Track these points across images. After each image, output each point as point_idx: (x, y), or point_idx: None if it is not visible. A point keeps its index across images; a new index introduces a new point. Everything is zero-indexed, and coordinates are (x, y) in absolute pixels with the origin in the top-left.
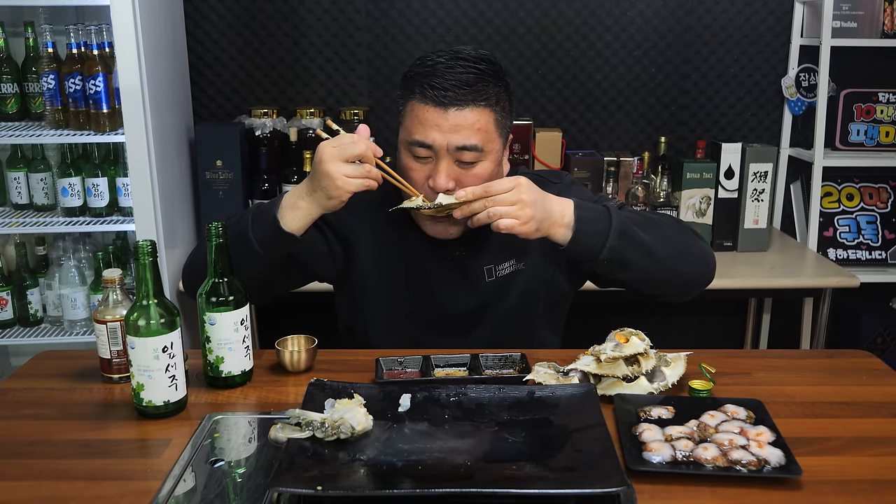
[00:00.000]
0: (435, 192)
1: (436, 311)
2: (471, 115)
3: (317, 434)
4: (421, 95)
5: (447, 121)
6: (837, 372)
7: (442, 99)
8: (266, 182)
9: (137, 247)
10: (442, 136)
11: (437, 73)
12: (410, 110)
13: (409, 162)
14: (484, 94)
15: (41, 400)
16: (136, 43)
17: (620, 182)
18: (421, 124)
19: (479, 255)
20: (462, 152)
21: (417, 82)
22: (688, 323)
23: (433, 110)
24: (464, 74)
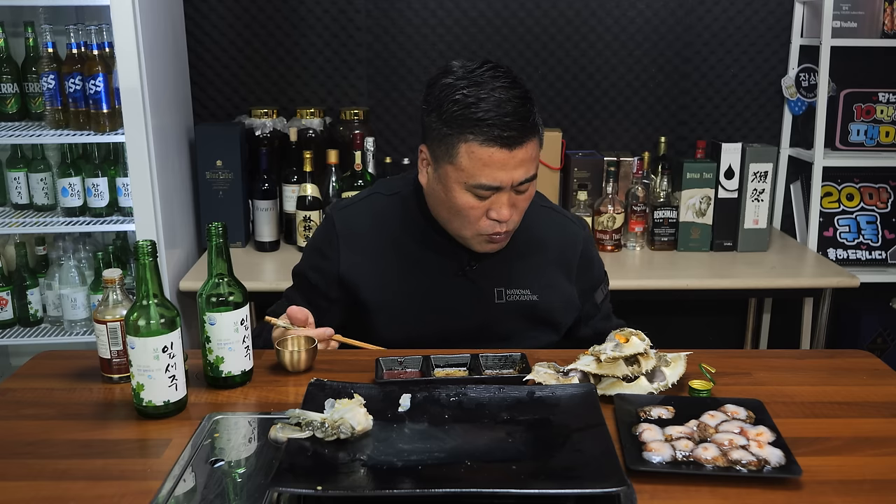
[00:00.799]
0: (499, 222)
1: (440, 323)
2: (529, 147)
3: (317, 434)
4: (483, 138)
5: (514, 159)
6: (837, 372)
7: (508, 141)
8: (266, 182)
9: (137, 247)
10: (508, 176)
11: (490, 111)
12: (468, 151)
13: (469, 200)
14: (533, 121)
15: (41, 400)
16: (136, 43)
17: (620, 182)
18: (486, 167)
19: (492, 275)
20: (522, 185)
21: (470, 124)
22: (688, 323)
23: (499, 152)
24: (518, 107)
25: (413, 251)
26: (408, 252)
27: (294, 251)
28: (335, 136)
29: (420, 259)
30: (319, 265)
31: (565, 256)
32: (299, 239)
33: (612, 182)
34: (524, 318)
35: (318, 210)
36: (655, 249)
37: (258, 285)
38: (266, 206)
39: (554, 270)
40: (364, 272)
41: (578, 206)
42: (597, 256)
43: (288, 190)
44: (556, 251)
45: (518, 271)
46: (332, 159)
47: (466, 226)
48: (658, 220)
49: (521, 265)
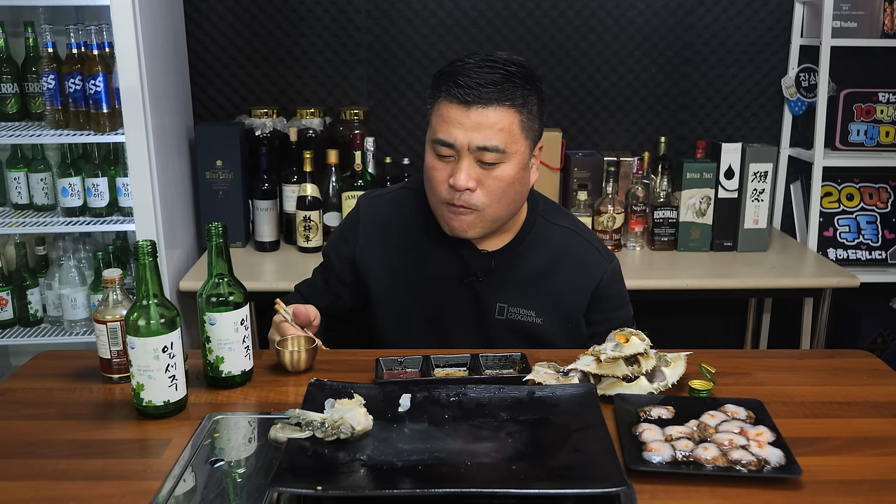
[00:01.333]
0: (455, 189)
1: (437, 328)
2: (494, 114)
3: (317, 434)
4: (447, 93)
5: (469, 119)
6: (837, 372)
7: (466, 97)
8: (266, 182)
9: (137, 247)
10: (464, 134)
11: (465, 71)
12: (437, 109)
13: (431, 161)
14: (510, 95)
15: (41, 400)
16: (136, 43)
17: (620, 182)
18: (444, 122)
19: (496, 289)
20: (483, 152)
21: (444, 80)
22: (688, 323)
23: (457, 108)
24: (491, 74)
25: (426, 250)
26: (421, 250)
27: (294, 251)
28: (335, 136)
29: (431, 260)
30: (339, 247)
31: (580, 286)
32: (299, 239)
33: (612, 182)
34: (522, 338)
35: (319, 210)
36: (655, 249)
37: (258, 285)
38: (266, 206)
39: (565, 298)
40: (376, 261)
41: (578, 206)
42: (617, 297)
43: (288, 190)
44: (571, 278)
45: (526, 291)
46: (332, 159)
47: (432, 192)
48: (658, 220)
49: (532, 286)
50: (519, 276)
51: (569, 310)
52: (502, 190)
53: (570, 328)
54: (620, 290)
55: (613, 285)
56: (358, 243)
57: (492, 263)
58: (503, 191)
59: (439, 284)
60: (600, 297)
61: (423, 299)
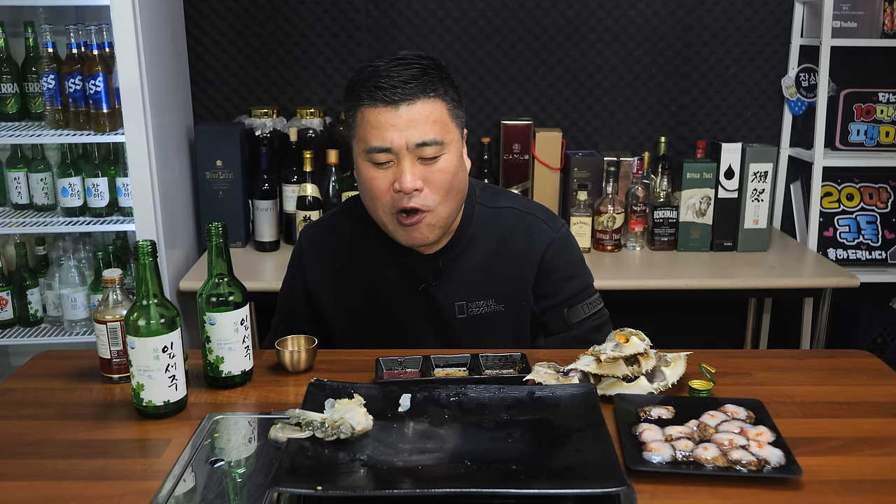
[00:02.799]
0: (403, 194)
1: (400, 342)
2: (423, 108)
3: (317, 434)
4: (369, 98)
5: (401, 118)
6: (837, 372)
7: (391, 96)
8: (266, 182)
9: (137, 247)
10: (399, 135)
11: (381, 73)
12: (362, 117)
13: (369, 171)
14: (432, 86)
15: (41, 400)
16: (136, 43)
17: (620, 182)
18: (375, 128)
19: (451, 290)
20: (423, 148)
21: (362, 86)
22: (688, 323)
23: (385, 111)
24: (407, 70)
25: (373, 268)
26: (368, 269)
27: None
28: (335, 136)
29: (380, 276)
30: (291, 283)
31: (527, 260)
32: None
33: (612, 182)
34: (488, 330)
35: (318, 210)
36: (655, 249)
37: (258, 285)
38: (266, 206)
39: (519, 276)
40: (327, 289)
41: (578, 206)
42: (567, 266)
43: (288, 190)
44: (520, 254)
45: (481, 282)
46: (332, 159)
47: (377, 205)
48: (658, 220)
49: (485, 273)
50: (470, 270)
51: (525, 287)
52: (449, 182)
53: (523, 306)
54: (571, 258)
55: (562, 253)
56: (306, 273)
57: (440, 265)
58: (450, 183)
59: (393, 298)
60: (547, 268)
61: (380, 316)
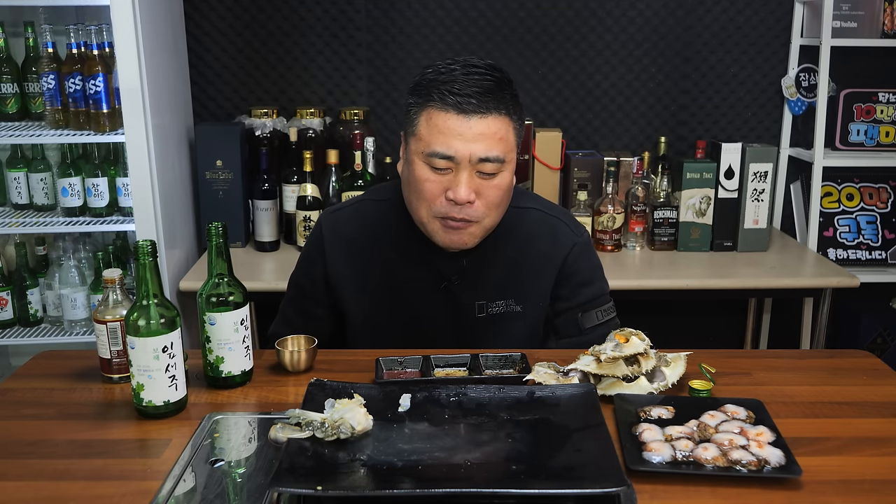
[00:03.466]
0: (454, 203)
1: (417, 338)
2: (493, 123)
3: (317, 434)
4: (441, 102)
5: (470, 129)
6: (837, 372)
7: (465, 106)
8: (266, 182)
9: (137, 247)
10: (465, 146)
11: (457, 79)
12: (427, 119)
13: (424, 173)
14: (504, 103)
15: (41, 400)
16: (136, 43)
17: (620, 182)
18: (441, 133)
19: (472, 289)
20: (484, 164)
21: (436, 88)
22: (688, 323)
23: (455, 118)
24: (483, 81)
25: (397, 261)
26: (391, 261)
27: (294, 251)
28: (335, 136)
29: (403, 270)
30: (309, 270)
31: (550, 262)
32: (299, 239)
33: (612, 182)
34: (507, 329)
35: (319, 210)
36: (655, 249)
37: (258, 285)
38: (266, 206)
39: (540, 277)
40: (348, 277)
41: (578, 206)
42: (587, 272)
43: (288, 190)
44: (542, 257)
45: (503, 281)
46: (332, 159)
47: (423, 204)
48: (658, 220)
49: (507, 273)
50: (494, 270)
51: (544, 288)
52: (500, 198)
53: (541, 308)
54: (590, 264)
55: (583, 259)
56: (327, 259)
57: (464, 264)
58: (501, 199)
59: (414, 293)
60: (568, 273)
61: (399, 310)
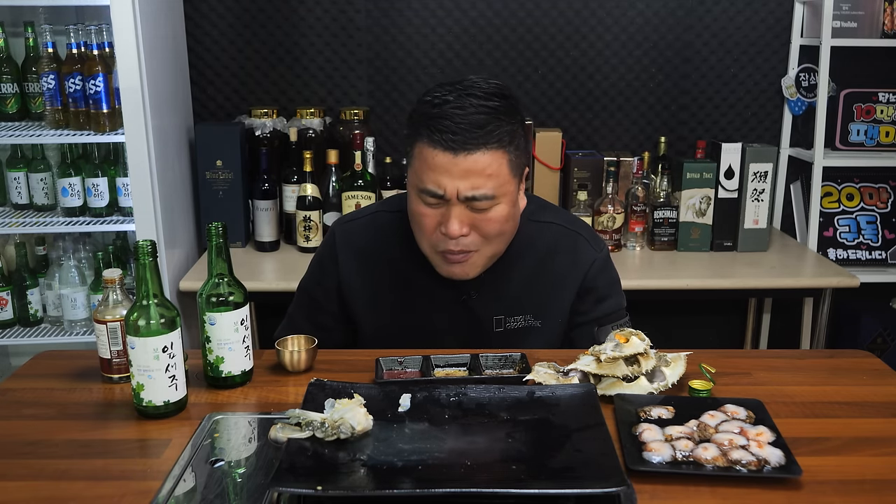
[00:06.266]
0: (448, 237)
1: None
2: (482, 158)
3: (317, 434)
4: (429, 139)
5: (457, 166)
6: (837, 372)
7: (451, 143)
8: (266, 182)
9: (137, 247)
10: (452, 183)
11: (446, 113)
12: (419, 153)
13: (419, 207)
14: (496, 136)
15: (41, 400)
16: (136, 43)
17: (620, 182)
18: (430, 170)
19: (491, 304)
20: (473, 201)
21: (425, 124)
22: (688, 323)
23: (442, 155)
24: (475, 115)
25: (412, 274)
26: (407, 274)
27: (294, 251)
28: (335, 136)
29: (419, 283)
30: (321, 279)
31: (570, 278)
32: (299, 239)
33: (612, 182)
34: (522, 344)
35: (319, 210)
36: (655, 249)
37: (258, 285)
38: (266, 206)
39: (560, 293)
40: (360, 289)
41: (578, 206)
42: (606, 287)
43: (288, 190)
44: (563, 273)
45: (520, 296)
46: (332, 159)
47: (423, 237)
48: (658, 220)
49: (526, 288)
50: (512, 285)
51: (563, 304)
52: (498, 230)
53: (560, 323)
54: (609, 279)
55: (602, 274)
56: (340, 270)
57: (482, 278)
58: (499, 230)
59: (430, 307)
60: (588, 288)
61: (413, 323)
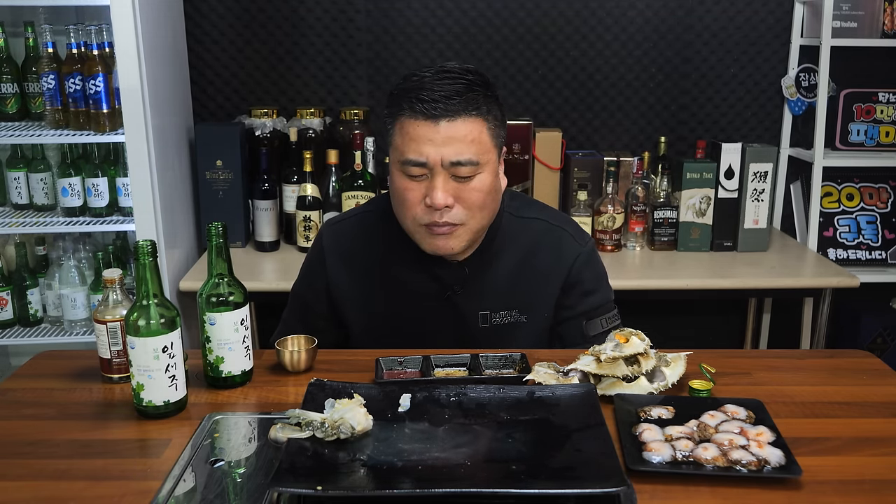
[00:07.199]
0: (434, 209)
1: (420, 347)
2: (463, 126)
3: (317, 434)
4: (410, 110)
5: (439, 134)
6: (837, 372)
7: (432, 111)
8: (266, 182)
9: (137, 247)
10: (435, 151)
11: (425, 85)
12: (400, 128)
13: (402, 182)
14: (475, 104)
15: (41, 400)
16: (136, 43)
17: (620, 182)
18: (413, 141)
19: (476, 299)
20: (457, 167)
21: (405, 97)
22: (688, 323)
23: (424, 124)
24: (452, 85)
25: (398, 272)
26: (393, 273)
27: (294, 251)
28: (335, 136)
29: (405, 280)
30: (311, 281)
31: (555, 273)
32: (299, 239)
33: (612, 182)
34: (508, 339)
35: (319, 210)
36: (655, 249)
37: (258, 285)
38: (266, 206)
39: (545, 288)
40: (349, 290)
41: (578, 206)
42: (592, 281)
43: (288, 190)
44: (547, 268)
45: (506, 291)
46: (332, 159)
47: (407, 213)
48: (658, 220)
49: (511, 284)
50: (496, 280)
51: (549, 299)
52: (482, 201)
53: (546, 318)
54: (595, 273)
55: (587, 268)
56: (328, 273)
57: (466, 273)
58: (482, 202)
59: (416, 304)
60: (573, 282)
61: (402, 321)
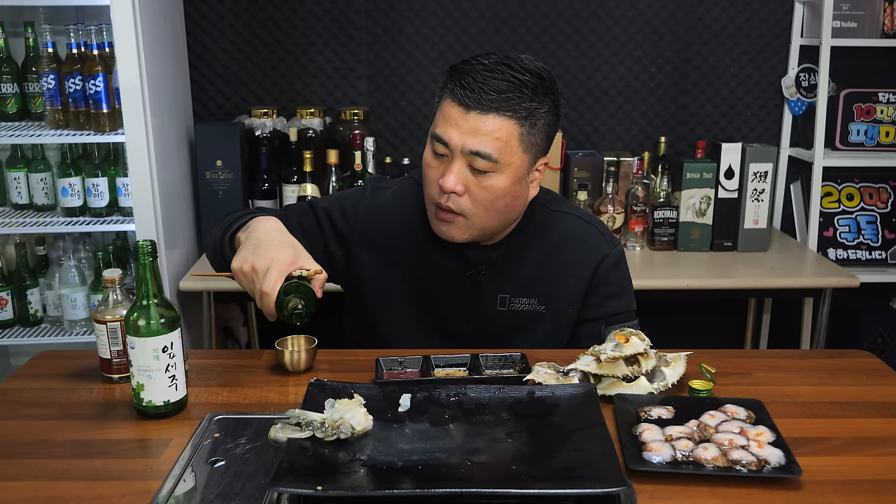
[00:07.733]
0: (443, 190)
1: (438, 325)
2: (492, 122)
3: (317, 434)
4: (450, 91)
5: (467, 122)
6: (837, 372)
7: (466, 100)
8: (266, 182)
9: (137, 247)
10: (459, 136)
11: (473, 73)
12: (442, 104)
13: (428, 156)
14: (513, 106)
15: (41, 400)
16: (136, 43)
17: (620, 182)
18: (444, 119)
19: (498, 282)
20: (475, 158)
21: (452, 77)
22: (688, 323)
23: (456, 108)
24: (499, 81)
25: (426, 244)
26: (420, 243)
27: None
28: (335, 136)
29: (431, 252)
30: (334, 217)
31: (582, 269)
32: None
33: (612, 182)
34: (524, 328)
35: None
36: (655, 249)
37: None
38: (266, 206)
39: (569, 281)
40: (375, 247)
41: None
42: (616, 284)
43: (288, 190)
44: (574, 262)
45: (530, 281)
46: (332, 159)
47: (426, 189)
48: (658, 220)
49: (535, 272)
50: (522, 267)
51: (571, 294)
52: (490, 201)
53: (570, 313)
54: (621, 278)
55: (614, 271)
56: (356, 228)
57: (493, 256)
58: (491, 202)
59: (439, 277)
60: (598, 281)
61: (421, 291)
